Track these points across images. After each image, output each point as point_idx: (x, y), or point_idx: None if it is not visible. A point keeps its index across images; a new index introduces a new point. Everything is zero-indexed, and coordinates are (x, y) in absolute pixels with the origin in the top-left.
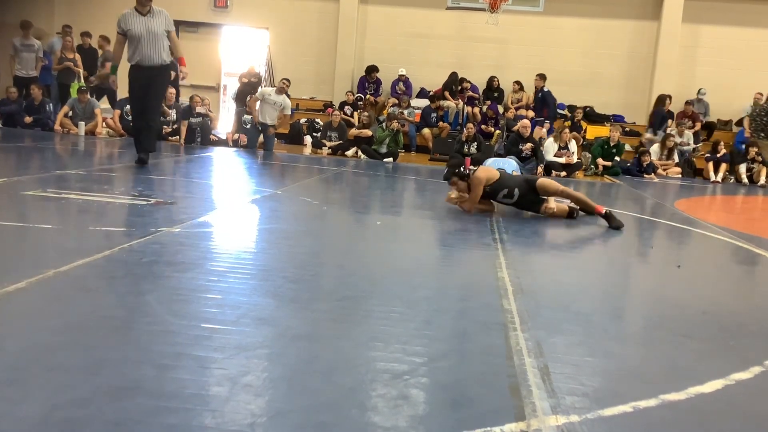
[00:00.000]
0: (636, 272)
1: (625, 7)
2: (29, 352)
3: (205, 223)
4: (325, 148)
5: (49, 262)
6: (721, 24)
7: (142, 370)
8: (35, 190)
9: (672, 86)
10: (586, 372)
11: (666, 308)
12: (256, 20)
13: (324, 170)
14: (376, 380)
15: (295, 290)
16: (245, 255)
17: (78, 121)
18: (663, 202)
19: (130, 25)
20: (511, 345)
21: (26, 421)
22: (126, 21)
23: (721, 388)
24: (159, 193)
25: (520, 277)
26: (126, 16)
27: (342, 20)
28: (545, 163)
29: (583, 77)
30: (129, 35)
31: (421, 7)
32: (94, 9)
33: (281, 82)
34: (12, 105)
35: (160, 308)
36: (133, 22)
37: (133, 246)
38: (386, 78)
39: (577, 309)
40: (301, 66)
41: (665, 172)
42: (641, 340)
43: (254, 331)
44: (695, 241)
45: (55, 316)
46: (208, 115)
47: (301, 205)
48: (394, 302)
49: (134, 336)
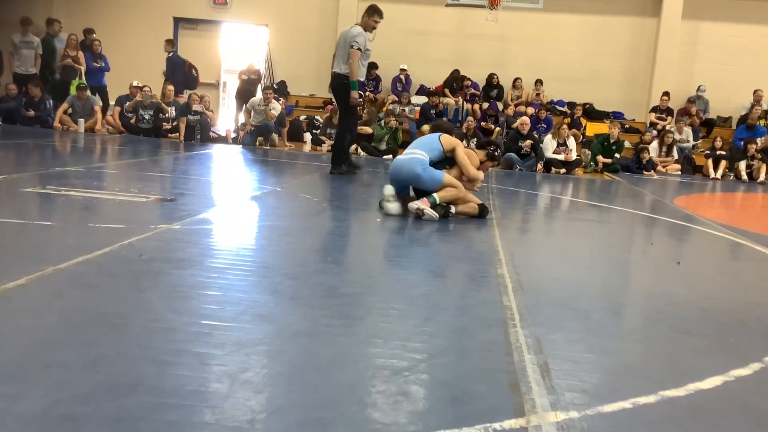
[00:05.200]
0: (635, 269)
1: (625, 4)
2: (29, 349)
3: (205, 220)
4: (325, 145)
5: (48, 259)
6: (721, 21)
7: (142, 367)
8: (35, 187)
9: (672, 83)
10: (585, 368)
11: (665, 305)
12: (255, 17)
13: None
14: (376, 377)
15: (294, 287)
16: (245, 252)
17: (77, 118)
18: (662, 199)
19: (368, 44)
20: (510, 341)
21: (26, 417)
22: (366, 40)
23: (721, 384)
24: (158, 190)
25: (519, 274)
26: (365, 36)
27: (341, 17)
28: (544, 160)
29: (583, 74)
30: (366, 54)
31: (421, 3)
32: (93, 5)
33: (265, 93)
34: (11, 102)
35: (160, 305)
36: (367, 42)
37: (132, 243)
38: (386, 75)
39: (577, 306)
40: (301, 63)
41: (665, 169)
42: (641, 337)
43: (254, 327)
44: (694, 238)
45: (54, 313)
46: (207, 113)
47: (300, 202)
48: (393, 299)
49: (134, 333)
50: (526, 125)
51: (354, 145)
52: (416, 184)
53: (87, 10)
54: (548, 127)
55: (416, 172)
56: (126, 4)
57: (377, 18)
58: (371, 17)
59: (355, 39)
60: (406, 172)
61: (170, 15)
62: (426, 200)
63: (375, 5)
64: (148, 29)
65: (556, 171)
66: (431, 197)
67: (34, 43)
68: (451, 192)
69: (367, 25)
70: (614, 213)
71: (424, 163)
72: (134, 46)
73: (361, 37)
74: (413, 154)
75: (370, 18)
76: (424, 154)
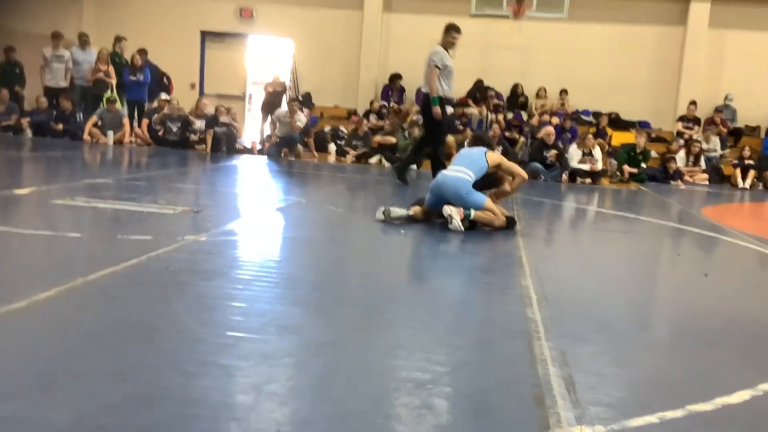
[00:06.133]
0: (662, 280)
1: (651, 13)
2: (59, 359)
3: (231, 232)
4: (349, 156)
5: (77, 271)
6: (748, 29)
7: (169, 378)
8: (64, 198)
9: (698, 92)
10: (611, 382)
11: (692, 317)
12: (281, 30)
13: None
14: (400, 389)
15: (319, 298)
16: (270, 263)
17: (107, 131)
18: (690, 209)
19: (448, 61)
20: (535, 354)
21: (57, 427)
22: (445, 57)
23: (749, 398)
24: (185, 202)
25: (544, 285)
26: (444, 53)
27: (366, 29)
28: (570, 170)
29: (609, 83)
30: (447, 71)
31: (445, 14)
32: (122, 18)
33: (291, 105)
34: (42, 115)
35: (187, 316)
36: (448, 58)
37: (159, 254)
38: (410, 86)
39: (602, 318)
40: (326, 74)
41: (692, 179)
42: (667, 350)
43: (279, 339)
44: (722, 249)
45: (83, 324)
46: (233, 124)
47: (325, 213)
48: (417, 310)
49: (161, 343)
50: (551, 135)
51: (378, 156)
52: (458, 203)
53: (116, 24)
54: (573, 137)
55: (460, 194)
56: (154, 18)
57: (454, 34)
58: (448, 35)
59: (431, 57)
60: (452, 191)
61: (198, 29)
62: (461, 211)
63: (451, 23)
64: (176, 43)
65: (582, 181)
66: (468, 211)
67: (65, 57)
68: (488, 216)
69: (446, 42)
70: (640, 223)
71: (469, 186)
72: (162, 60)
73: (437, 56)
74: (460, 173)
75: (447, 36)
76: (471, 175)
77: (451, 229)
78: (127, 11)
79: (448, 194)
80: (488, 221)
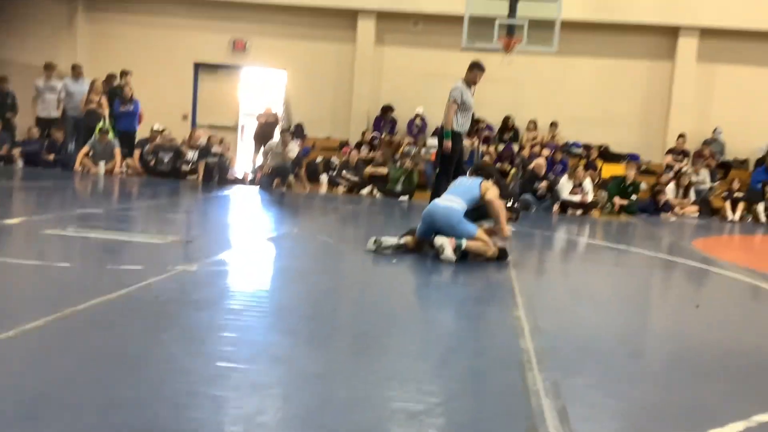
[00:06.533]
0: (654, 312)
1: (640, 48)
2: (46, 389)
3: (222, 262)
4: (341, 187)
5: (66, 300)
6: (736, 63)
7: (158, 410)
8: (55, 229)
9: (687, 125)
10: (604, 413)
11: (685, 348)
12: (274, 61)
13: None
14: (392, 419)
15: (310, 328)
16: (261, 293)
17: (98, 161)
18: (680, 241)
19: (467, 97)
20: (528, 385)
21: None
22: (465, 93)
23: (743, 430)
24: (176, 232)
25: (536, 316)
26: (464, 89)
27: (358, 61)
28: (561, 201)
29: (599, 116)
30: (465, 107)
31: (437, 48)
32: (116, 50)
33: (283, 135)
34: (34, 144)
35: (176, 347)
36: (468, 95)
37: (150, 284)
38: (402, 117)
39: (595, 349)
40: (318, 106)
41: (682, 211)
42: (660, 381)
43: (270, 369)
44: (714, 281)
45: (71, 354)
46: (225, 155)
47: (317, 244)
48: (409, 340)
49: (150, 374)
50: (543, 167)
51: (370, 187)
52: (449, 233)
53: (109, 56)
54: (564, 169)
55: (452, 223)
56: (148, 49)
57: (477, 72)
58: (472, 72)
59: (451, 92)
60: (443, 220)
61: (191, 60)
62: (453, 241)
63: (476, 60)
64: (169, 74)
65: (573, 212)
66: (459, 241)
67: (57, 88)
68: (479, 246)
69: (469, 79)
70: (632, 255)
71: (460, 215)
72: (156, 91)
73: (456, 91)
74: (451, 202)
75: (470, 72)
76: (463, 204)
77: (443, 259)
78: (121, 42)
79: (440, 223)
80: (480, 251)
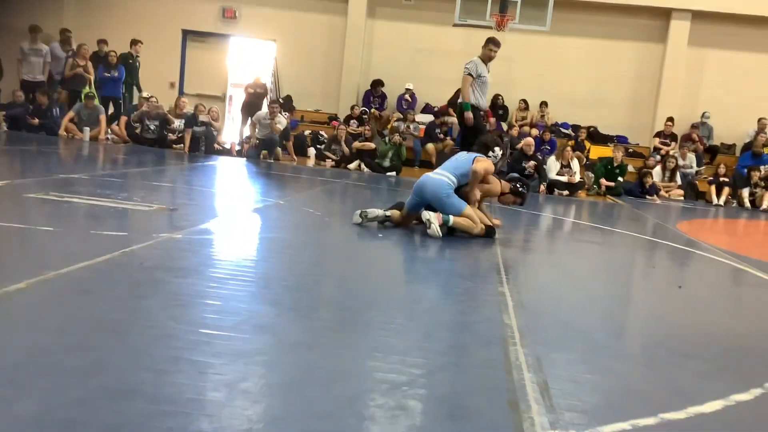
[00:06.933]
0: (637, 292)
1: (632, 30)
2: (28, 353)
3: (207, 230)
4: (329, 161)
5: (49, 264)
6: (726, 48)
7: (140, 374)
8: (38, 192)
9: (676, 109)
10: (585, 389)
11: (667, 328)
12: (263, 32)
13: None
14: (375, 390)
15: (295, 299)
16: (246, 263)
17: (83, 127)
18: (665, 224)
19: (482, 71)
20: (510, 360)
21: (23, 420)
22: (481, 67)
23: (721, 408)
24: (161, 200)
25: (521, 293)
26: (480, 64)
27: (349, 34)
28: (548, 182)
29: (588, 97)
30: (481, 81)
31: (428, 23)
32: (103, 14)
33: (271, 107)
34: (18, 108)
35: (159, 313)
36: (483, 70)
37: (134, 251)
38: (391, 92)
39: (578, 326)
40: (307, 78)
41: (667, 194)
42: (641, 359)
43: (253, 337)
44: (697, 263)
45: (54, 318)
46: (212, 124)
47: (302, 216)
48: (394, 314)
49: (133, 339)
50: (531, 146)
51: (357, 162)
52: (437, 206)
53: (97, 21)
54: (552, 149)
55: (440, 196)
56: (135, 16)
57: (492, 47)
58: (486, 47)
59: (466, 65)
60: (431, 193)
61: (179, 27)
62: (440, 217)
63: (490, 36)
64: (157, 41)
65: (559, 193)
66: (447, 217)
67: (43, 51)
68: (466, 222)
69: (485, 55)
70: (616, 236)
71: (450, 190)
72: (142, 58)
73: (471, 64)
74: (442, 176)
75: (485, 48)
76: (453, 180)
77: (429, 234)
78: (108, 7)
79: (428, 196)
80: (467, 228)
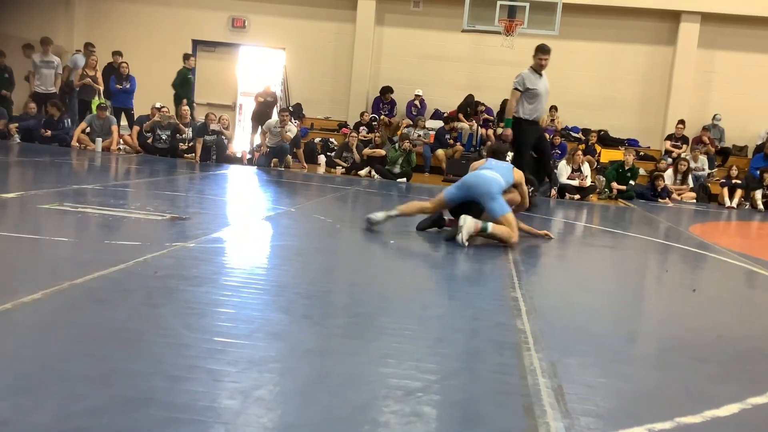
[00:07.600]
0: (651, 295)
1: (641, 32)
2: (43, 361)
3: (219, 239)
4: (339, 168)
5: (64, 274)
6: (736, 50)
7: (155, 382)
8: (52, 203)
9: (687, 111)
10: (600, 393)
11: (681, 331)
12: (273, 40)
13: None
14: (389, 397)
15: (308, 306)
16: (259, 270)
17: (95, 138)
18: (677, 227)
19: (531, 83)
20: (524, 365)
21: (39, 428)
22: (529, 80)
23: (738, 412)
24: (174, 209)
25: (533, 297)
26: (528, 76)
27: (358, 41)
28: (559, 186)
29: (598, 101)
30: (532, 93)
31: (437, 29)
32: (114, 26)
33: (281, 115)
34: (31, 120)
35: (174, 321)
36: (533, 81)
37: (147, 260)
38: (401, 99)
39: (591, 330)
40: (317, 86)
41: (680, 197)
42: (656, 363)
43: (267, 345)
44: (710, 266)
45: (69, 327)
46: (223, 133)
47: (314, 223)
48: (406, 320)
49: (147, 348)
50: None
51: (368, 168)
52: (483, 202)
53: (108, 32)
54: (563, 153)
55: (492, 194)
56: (146, 26)
57: (540, 55)
58: (535, 56)
59: (514, 80)
60: (485, 189)
61: (189, 37)
62: (479, 225)
63: (539, 44)
64: (168, 51)
65: (570, 197)
66: (485, 224)
67: (54, 63)
68: (505, 231)
69: (535, 65)
70: (629, 239)
71: (501, 189)
72: (154, 68)
73: (519, 78)
74: (496, 176)
75: (534, 58)
76: (502, 183)
77: (456, 239)
78: (119, 18)
79: (479, 190)
80: (505, 236)
